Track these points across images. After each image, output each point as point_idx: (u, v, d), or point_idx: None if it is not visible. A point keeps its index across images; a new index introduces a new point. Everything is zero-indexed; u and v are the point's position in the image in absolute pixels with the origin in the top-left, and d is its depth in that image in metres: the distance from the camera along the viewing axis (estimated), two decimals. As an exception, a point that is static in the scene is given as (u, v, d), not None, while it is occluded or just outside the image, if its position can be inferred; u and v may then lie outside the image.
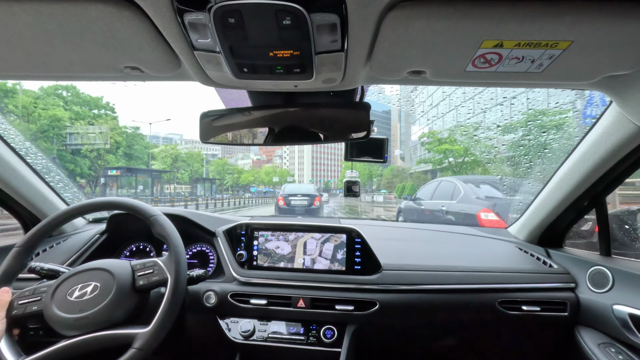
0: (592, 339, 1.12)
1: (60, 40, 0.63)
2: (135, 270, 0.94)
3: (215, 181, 41.33)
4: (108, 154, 28.37)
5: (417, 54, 0.65)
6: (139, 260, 0.98)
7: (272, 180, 72.78)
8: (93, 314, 0.85)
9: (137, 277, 0.93)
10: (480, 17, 0.55)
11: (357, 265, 1.30)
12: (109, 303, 0.87)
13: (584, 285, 1.20)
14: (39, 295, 0.90)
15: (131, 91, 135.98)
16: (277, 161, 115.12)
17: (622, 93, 0.83)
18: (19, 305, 0.89)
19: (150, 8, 0.53)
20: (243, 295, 1.25)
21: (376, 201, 31.69)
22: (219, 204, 23.19)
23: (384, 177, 38.58)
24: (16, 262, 0.94)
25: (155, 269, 0.94)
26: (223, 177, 54.66)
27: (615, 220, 1.42)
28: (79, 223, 1.62)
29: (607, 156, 1.04)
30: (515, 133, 10.59)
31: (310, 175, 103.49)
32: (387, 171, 39.44)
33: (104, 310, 0.86)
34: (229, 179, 56.58)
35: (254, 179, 71.16)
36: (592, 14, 0.54)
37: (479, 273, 1.27)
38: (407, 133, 39.46)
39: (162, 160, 38.85)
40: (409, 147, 47.60)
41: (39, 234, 0.99)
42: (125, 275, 0.92)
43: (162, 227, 0.97)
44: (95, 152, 27.07)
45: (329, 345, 1.19)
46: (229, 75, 0.70)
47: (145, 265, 0.95)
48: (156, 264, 0.95)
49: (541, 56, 0.64)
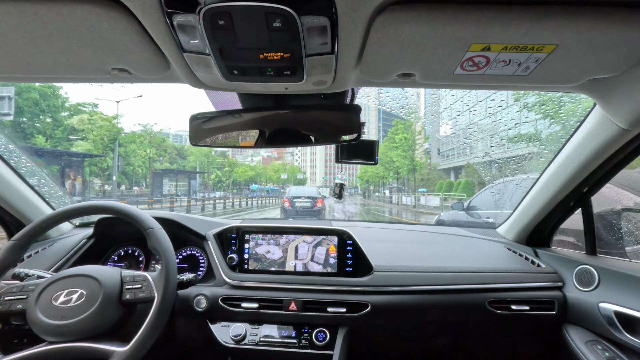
0: (579, 337, 1.14)
1: (45, 41, 0.62)
2: (124, 282, 0.93)
3: (198, 176, 32.09)
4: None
5: (407, 56, 0.66)
6: (130, 272, 0.96)
7: (281, 178, 64.73)
8: (74, 323, 0.84)
9: (124, 289, 0.92)
10: (468, 20, 0.56)
11: (348, 267, 1.30)
12: (92, 314, 0.85)
13: (570, 284, 1.22)
14: (26, 293, 0.89)
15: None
16: (288, 158, 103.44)
17: (606, 95, 0.85)
18: (5, 301, 0.89)
19: (139, 9, 0.52)
20: (234, 299, 1.24)
21: (425, 205, 20.45)
22: (200, 207, 16.48)
23: (417, 171, 29.80)
24: (10, 255, 0.93)
25: (144, 284, 0.92)
26: (209, 171, 42.08)
27: (600, 219, 1.45)
28: (65, 228, 1.58)
29: (591, 157, 1.06)
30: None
31: (322, 172, 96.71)
32: (419, 164, 30.01)
33: (86, 321, 0.85)
34: (218, 175, 45.30)
35: (256, 175, 60.24)
36: (576, 18, 0.55)
37: (468, 273, 1.28)
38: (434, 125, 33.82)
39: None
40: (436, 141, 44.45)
41: (38, 229, 0.97)
42: (113, 286, 0.91)
43: (158, 241, 0.95)
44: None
45: (321, 348, 1.19)
46: (218, 77, 0.69)
47: (134, 278, 0.93)
48: (146, 280, 0.93)
49: (527, 59, 0.65)
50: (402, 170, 29.69)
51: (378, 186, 42.89)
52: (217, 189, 42.74)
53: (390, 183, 37.55)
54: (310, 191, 13.34)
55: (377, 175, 36.07)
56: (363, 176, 44.42)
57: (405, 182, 34.07)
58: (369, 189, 45.53)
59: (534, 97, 5.00)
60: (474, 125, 23.09)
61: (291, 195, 12.80)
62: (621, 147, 1.00)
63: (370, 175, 40.05)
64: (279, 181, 64.30)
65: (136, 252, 1.44)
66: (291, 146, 1.00)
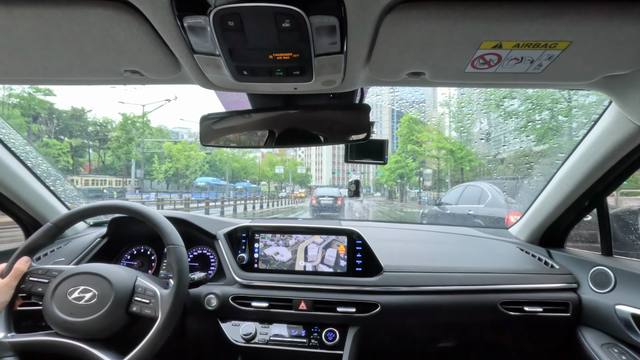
0: (594, 340, 1.11)
1: (60, 44, 0.63)
2: (135, 291, 0.95)
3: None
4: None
5: (416, 55, 0.66)
6: (144, 282, 0.97)
7: (275, 173, 49.47)
8: (79, 323, 0.87)
9: (133, 300, 0.93)
10: (479, 18, 0.55)
11: (358, 267, 1.29)
12: (98, 318, 0.88)
13: (586, 285, 1.20)
14: (48, 278, 0.94)
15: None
16: (290, 153, 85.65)
17: (622, 93, 0.83)
18: (29, 280, 0.93)
19: (150, 12, 0.53)
20: (244, 298, 1.25)
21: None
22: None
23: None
24: (45, 236, 0.98)
25: (152, 300, 0.93)
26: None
27: (617, 220, 1.42)
28: (80, 227, 1.62)
29: (607, 156, 1.04)
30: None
31: (330, 169, 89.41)
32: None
33: (91, 323, 0.88)
34: (163, 168, 32.45)
35: (241, 168, 44.72)
36: (591, 14, 0.54)
37: (480, 274, 1.27)
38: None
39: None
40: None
41: (76, 216, 1.02)
42: (124, 294, 0.93)
43: (176, 260, 0.97)
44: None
45: (330, 348, 1.19)
46: (228, 78, 0.70)
47: (145, 291, 0.95)
48: (155, 296, 0.94)
49: (540, 57, 0.64)
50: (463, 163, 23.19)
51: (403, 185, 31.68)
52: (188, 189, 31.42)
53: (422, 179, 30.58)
54: (332, 191, 17.14)
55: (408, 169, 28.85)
56: (394, 168, 30.95)
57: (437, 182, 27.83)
58: (399, 188, 32.49)
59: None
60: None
61: (318, 195, 16.91)
62: (638, 146, 0.97)
63: (398, 170, 30.19)
64: (275, 179, 51.22)
65: (148, 251, 1.46)
66: (300, 146, 1.00)
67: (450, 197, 7.05)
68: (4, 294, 0.88)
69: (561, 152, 1.38)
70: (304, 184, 61.43)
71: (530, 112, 11.76)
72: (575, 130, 9.28)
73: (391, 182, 34.29)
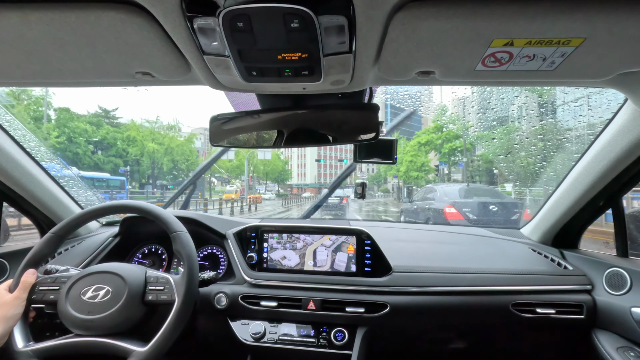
0: (610, 343, 1.09)
1: (74, 47, 0.64)
2: (148, 282, 0.96)
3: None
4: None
5: (426, 54, 0.65)
6: (154, 273, 0.99)
7: (231, 166, 35.59)
8: (99, 319, 0.88)
9: (148, 290, 0.95)
10: (490, 15, 0.54)
11: (367, 267, 1.29)
12: (116, 311, 0.89)
13: (600, 287, 1.17)
14: (58, 285, 0.94)
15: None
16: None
17: (638, 90, 0.81)
18: (39, 290, 0.94)
19: (161, 14, 0.54)
20: (253, 297, 1.26)
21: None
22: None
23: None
24: (48, 247, 0.98)
25: (166, 286, 0.95)
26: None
27: (633, 220, 1.39)
28: (93, 226, 1.65)
29: (623, 154, 1.02)
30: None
31: (314, 165, 71.38)
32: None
33: (110, 318, 0.88)
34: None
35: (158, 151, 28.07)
36: (606, 9, 0.52)
37: (491, 275, 1.25)
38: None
39: None
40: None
41: (74, 223, 1.03)
42: (137, 286, 0.94)
43: (182, 245, 0.98)
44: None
45: (339, 348, 1.19)
46: (238, 78, 0.71)
47: (158, 280, 0.96)
48: (168, 282, 0.96)
49: (553, 54, 0.63)
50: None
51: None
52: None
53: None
54: (337, 192, 17.28)
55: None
56: (414, 161, 24.01)
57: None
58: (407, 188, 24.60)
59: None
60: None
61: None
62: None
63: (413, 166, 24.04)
64: (233, 172, 37.54)
65: (159, 250, 1.48)
66: (309, 146, 1.01)
67: (417, 196, 9.59)
68: (16, 307, 0.89)
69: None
70: (281, 181, 46.65)
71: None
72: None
73: (404, 175, 25.50)
